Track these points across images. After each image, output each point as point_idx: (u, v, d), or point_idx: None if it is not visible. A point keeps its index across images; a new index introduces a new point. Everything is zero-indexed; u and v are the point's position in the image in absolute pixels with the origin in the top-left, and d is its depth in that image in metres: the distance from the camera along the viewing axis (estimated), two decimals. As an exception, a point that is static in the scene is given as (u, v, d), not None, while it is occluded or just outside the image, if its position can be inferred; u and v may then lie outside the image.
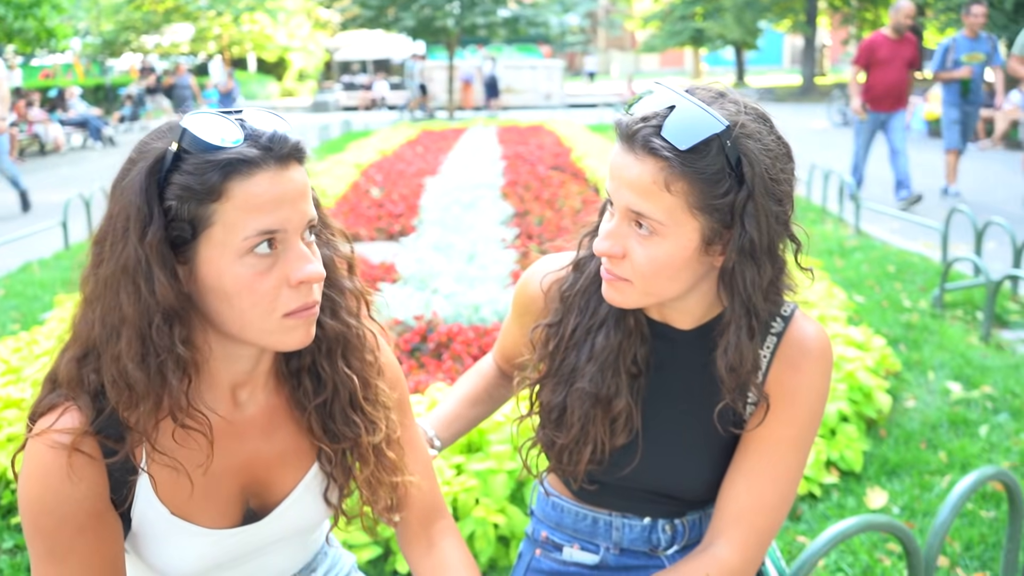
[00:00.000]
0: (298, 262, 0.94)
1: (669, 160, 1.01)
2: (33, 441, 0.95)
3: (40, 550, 0.96)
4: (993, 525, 2.51)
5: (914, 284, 5.16)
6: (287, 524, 1.12)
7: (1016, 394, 3.48)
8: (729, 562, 1.16)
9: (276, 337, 0.97)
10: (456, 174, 9.25)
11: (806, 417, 1.18)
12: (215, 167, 0.89)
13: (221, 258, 0.92)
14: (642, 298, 1.12)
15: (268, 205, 0.91)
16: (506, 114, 21.91)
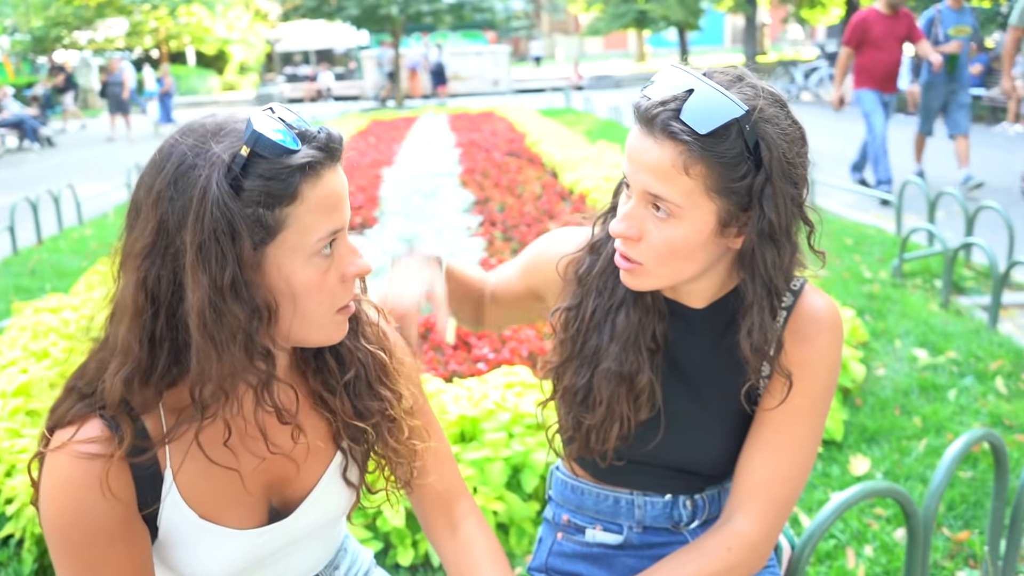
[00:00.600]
0: (350, 256, 0.98)
1: (688, 144, 1.01)
2: (53, 455, 0.92)
3: (69, 567, 0.94)
4: (972, 485, 2.60)
5: (872, 256, 5.29)
6: (315, 517, 1.12)
7: (979, 358, 3.60)
8: (749, 535, 1.18)
9: (325, 332, 0.99)
10: (412, 164, 9.19)
11: (820, 389, 1.21)
12: (293, 171, 0.89)
13: (293, 261, 0.92)
14: (658, 280, 1.14)
15: (337, 205, 0.94)
16: (455, 101, 21.79)
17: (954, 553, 2.30)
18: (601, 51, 51.60)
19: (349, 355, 1.11)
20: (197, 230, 0.87)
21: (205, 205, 0.86)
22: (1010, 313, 4.33)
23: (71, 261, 6.22)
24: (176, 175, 0.89)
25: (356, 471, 1.15)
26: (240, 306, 0.89)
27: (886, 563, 2.26)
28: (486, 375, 2.93)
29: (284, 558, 1.13)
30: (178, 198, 0.88)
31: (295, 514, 1.09)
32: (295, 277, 0.93)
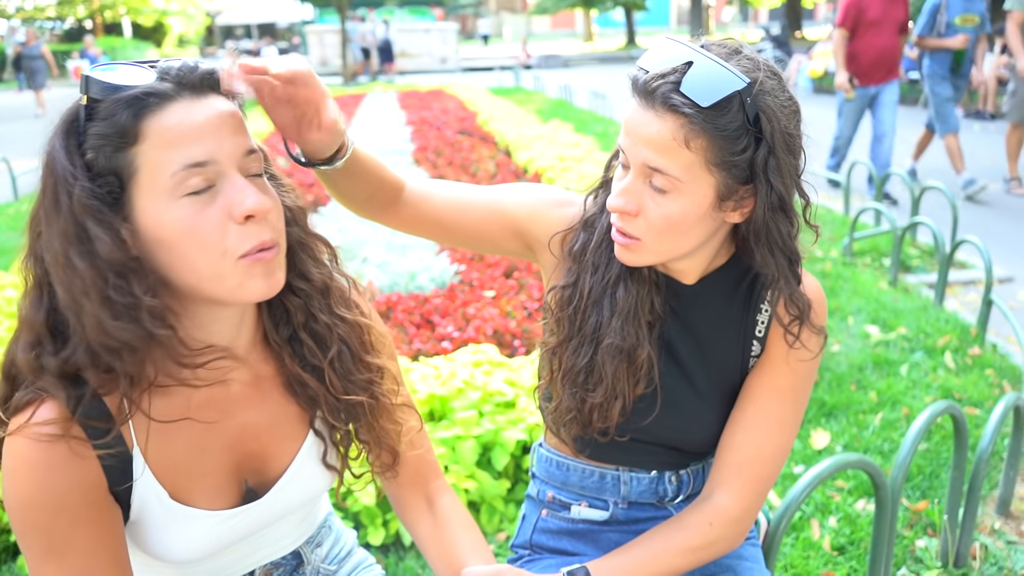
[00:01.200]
0: (239, 194, 0.89)
1: (690, 116, 1.01)
2: (11, 438, 0.89)
3: (36, 548, 0.90)
4: (927, 456, 2.68)
5: (823, 235, 5.41)
6: (290, 497, 1.10)
7: (928, 334, 3.71)
8: (729, 511, 1.20)
9: (235, 285, 0.91)
10: (363, 141, 9.01)
11: (804, 367, 1.22)
12: (124, 106, 0.85)
13: (155, 204, 0.87)
14: (655, 256, 1.13)
15: (189, 136, 0.86)
16: (403, 79, 21.51)
17: (913, 523, 2.38)
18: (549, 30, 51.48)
19: (327, 331, 1.06)
20: (43, 188, 0.87)
21: (47, 161, 0.87)
22: (954, 290, 4.48)
23: (8, 238, 5.98)
24: (48, 138, 0.89)
25: (335, 455, 1.12)
26: (83, 259, 0.85)
27: (850, 533, 2.32)
28: (452, 354, 2.91)
29: (262, 536, 1.11)
30: (46, 159, 0.89)
31: (269, 494, 1.07)
32: (163, 222, 0.87)
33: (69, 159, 0.85)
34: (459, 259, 4.24)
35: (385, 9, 27.63)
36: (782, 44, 18.87)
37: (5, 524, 2.29)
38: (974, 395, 3.12)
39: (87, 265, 0.85)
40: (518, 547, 1.45)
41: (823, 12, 37.79)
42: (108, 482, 0.93)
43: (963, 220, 4.73)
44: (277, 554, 1.17)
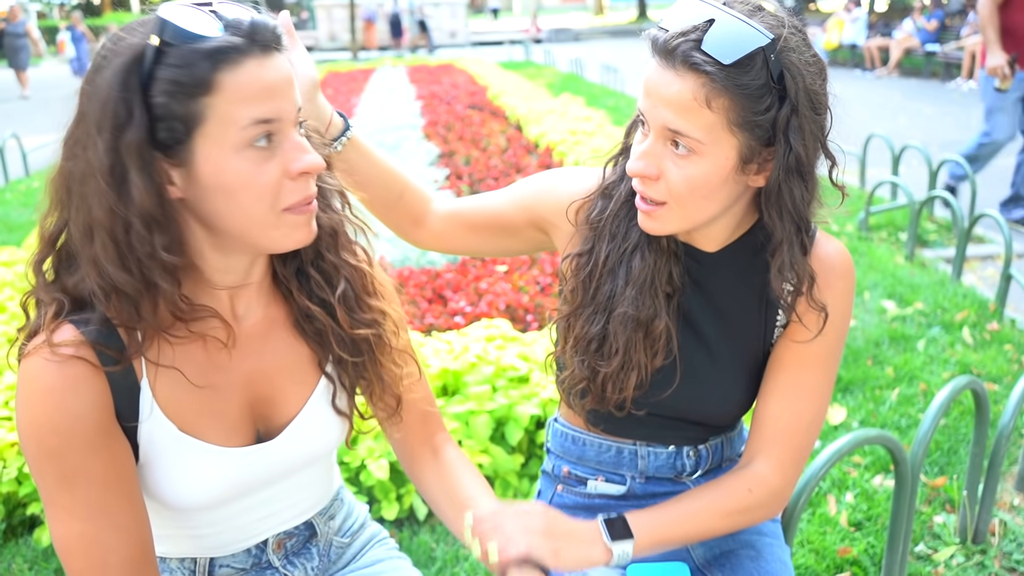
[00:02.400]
0: (296, 152, 0.93)
1: (711, 75, 0.97)
2: (28, 360, 0.91)
3: (50, 476, 0.91)
4: (946, 432, 2.66)
5: (839, 209, 5.34)
6: (303, 444, 1.09)
7: (945, 309, 3.67)
8: (770, 481, 1.18)
9: (280, 234, 0.95)
10: (373, 116, 8.99)
11: (835, 334, 1.19)
12: (203, 57, 0.85)
13: (220, 154, 0.88)
14: (680, 222, 1.10)
15: (261, 94, 0.88)
16: (413, 53, 21.36)
17: (931, 499, 2.35)
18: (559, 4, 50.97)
19: (334, 270, 1.09)
20: (90, 118, 0.86)
21: (98, 94, 0.86)
22: (972, 265, 4.42)
23: (20, 214, 5.98)
24: (95, 68, 0.88)
25: (345, 398, 1.13)
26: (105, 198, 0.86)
27: (867, 509, 2.30)
28: (465, 328, 2.89)
29: (273, 496, 1.11)
30: (91, 91, 0.87)
31: (280, 437, 1.07)
32: (225, 170, 0.89)
33: (128, 98, 0.85)
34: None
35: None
36: (796, 15, 18.64)
37: (22, 497, 2.30)
38: (992, 371, 3.08)
39: (105, 205, 0.86)
40: (532, 522, 1.43)
41: (838, -16, 37.24)
42: (116, 410, 0.94)
43: (981, 194, 4.65)
44: (290, 522, 1.16)
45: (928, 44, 13.53)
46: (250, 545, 1.12)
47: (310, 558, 1.20)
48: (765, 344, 1.23)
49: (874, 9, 18.06)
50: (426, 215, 1.35)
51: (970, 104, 10.19)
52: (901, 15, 15.68)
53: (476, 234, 1.35)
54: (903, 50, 13.80)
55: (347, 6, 21.52)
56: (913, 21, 14.00)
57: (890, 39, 14.25)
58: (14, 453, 2.27)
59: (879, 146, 5.68)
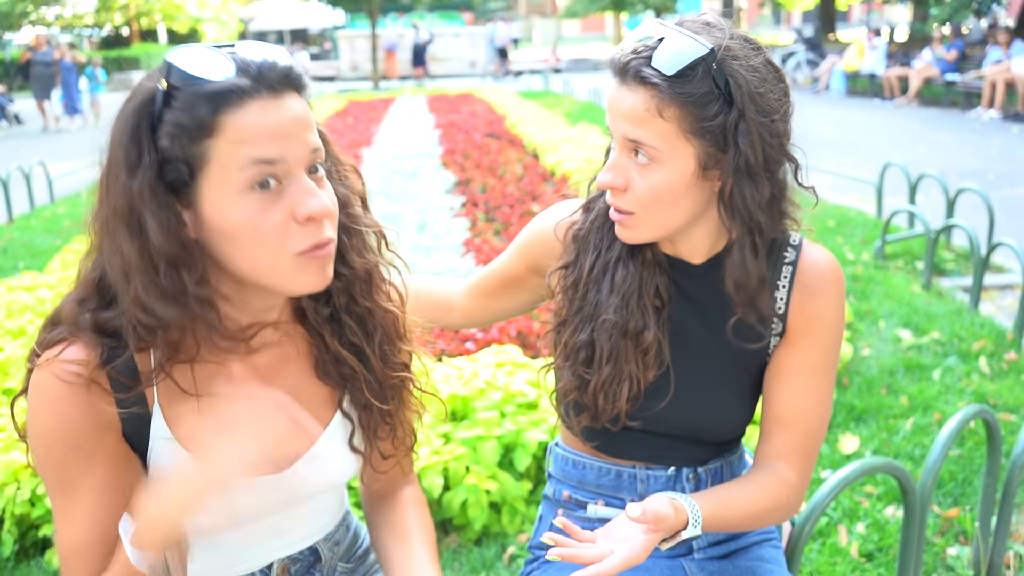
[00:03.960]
0: (302, 196, 0.91)
1: (658, 86, 1.05)
2: (39, 371, 0.93)
3: (52, 482, 0.95)
4: (960, 462, 2.62)
5: (854, 237, 5.32)
6: (313, 477, 1.09)
7: (962, 338, 3.63)
8: (795, 484, 1.22)
9: (289, 277, 0.94)
10: (392, 144, 9.09)
11: (832, 340, 1.23)
12: (204, 100, 0.86)
13: (222, 197, 0.88)
14: (650, 230, 1.15)
15: (262, 135, 0.88)
16: (433, 82, 21.61)
17: (944, 530, 2.32)
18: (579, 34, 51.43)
19: (368, 315, 1.09)
20: (109, 162, 0.89)
21: (116, 138, 0.89)
22: (990, 294, 4.38)
23: (44, 240, 6.08)
24: (117, 112, 0.91)
25: (361, 437, 1.13)
26: (131, 240, 0.88)
27: (878, 540, 2.27)
28: (475, 354, 2.90)
29: (281, 522, 1.11)
30: (112, 134, 0.90)
31: (292, 469, 1.06)
32: (227, 215, 0.89)
33: (138, 141, 0.87)
34: (483, 260, 4.24)
35: (415, 14, 27.75)
36: (815, 46, 18.70)
37: (34, 518, 2.32)
38: (1009, 400, 3.04)
39: (135, 248, 0.88)
40: (535, 548, 1.44)
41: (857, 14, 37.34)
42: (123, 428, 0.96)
43: (999, 223, 4.62)
44: (295, 547, 1.16)
45: (948, 73, 13.51)
46: (254, 569, 1.12)
47: None
48: (762, 354, 1.24)
49: (894, 39, 18.09)
50: (450, 301, 1.45)
51: (990, 133, 10.15)
52: (920, 45, 15.67)
53: (495, 299, 1.42)
54: (922, 79, 13.78)
55: (369, 37, 21.86)
56: (932, 51, 13.99)
57: (909, 68, 14.25)
58: (28, 475, 2.30)
59: (896, 175, 5.66)
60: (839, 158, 8.18)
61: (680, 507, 1.11)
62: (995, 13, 16.05)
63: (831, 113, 12.20)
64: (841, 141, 9.07)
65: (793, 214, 1.18)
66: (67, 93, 14.53)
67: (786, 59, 18.66)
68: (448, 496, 2.28)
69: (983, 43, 13.55)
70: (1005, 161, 8.14)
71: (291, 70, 0.91)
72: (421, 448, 2.28)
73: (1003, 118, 11.49)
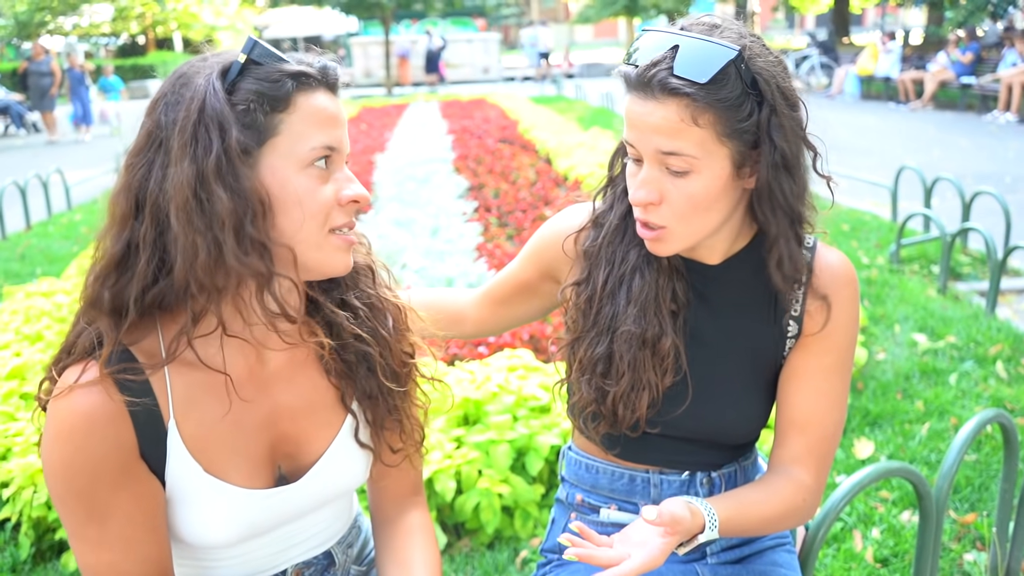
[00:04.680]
0: (347, 181, 1.00)
1: (692, 95, 1.03)
2: (54, 403, 0.94)
3: (79, 514, 0.94)
4: (976, 468, 2.60)
5: (869, 241, 5.29)
6: (326, 484, 1.11)
7: (979, 342, 3.60)
8: (812, 488, 1.22)
9: (324, 254, 0.99)
10: (405, 150, 9.12)
11: (848, 341, 1.22)
12: (288, 76, 0.93)
13: (286, 167, 0.95)
14: (685, 239, 1.14)
15: (329, 121, 0.97)
16: (446, 88, 21.68)
17: (961, 535, 2.30)
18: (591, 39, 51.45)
19: (379, 302, 1.14)
20: (185, 121, 0.91)
21: (195, 98, 0.91)
22: (1007, 299, 4.34)
23: (61, 246, 6.14)
24: (176, 84, 0.95)
25: (368, 432, 1.15)
26: (226, 191, 0.90)
27: (893, 545, 2.25)
28: (488, 358, 2.90)
29: (294, 531, 1.12)
30: (174, 101, 0.93)
31: (304, 479, 1.08)
32: (289, 183, 0.95)
33: (225, 103, 0.91)
34: (496, 265, 4.24)
35: (428, 20, 27.83)
36: (829, 50, 18.61)
37: (50, 523, 2.34)
38: (1027, 405, 3.01)
39: (226, 195, 0.90)
40: (548, 551, 1.43)
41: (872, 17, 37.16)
42: (141, 449, 0.96)
43: (1016, 226, 4.58)
44: (309, 553, 1.17)
45: (963, 76, 13.41)
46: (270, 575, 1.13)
47: None
48: (777, 356, 1.24)
49: (908, 42, 17.99)
50: (462, 311, 1.46)
51: (1006, 137, 10.07)
52: (936, 48, 15.57)
53: (507, 306, 1.42)
54: (938, 83, 13.69)
55: (382, 43, 21.95)
56: (947, 54, 13.90)
57: (924, 72, 14.16)
58: (44, 479, 2.31)
59: (911, 178, 5.63)
60: (854, 162, 8.14)
61: (696, 510, 1.10)
62: (1011, 15, 15.92)
63: (845, 117, 12.13)
64: (855, 145, 9.03)
65: (811, 216, 1.18)
66: (76, 103, 14.19)
67: (799, 63, 18.59)
68: (460, 500, 2.28)
69: (999, 46, 13.43)
70: (1022, 164, 8.07)
71: (340, 75, 1.01)
72: (433, 452, 2.29)
73: (1019, 121, 11.39)
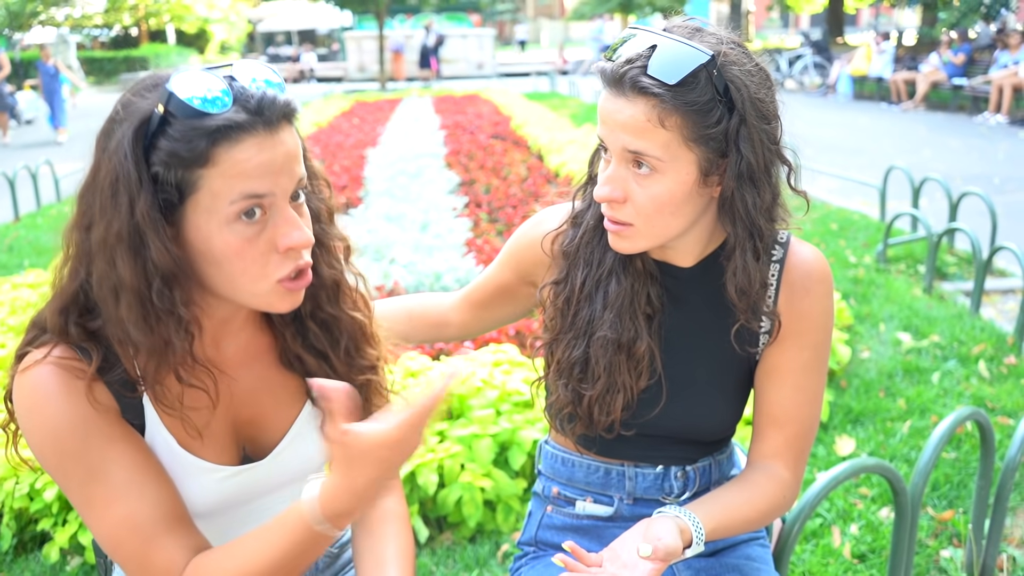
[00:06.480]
0: (285, 227, 0.94)
1: (660, 96, 1.03)
2: (32, 369, 0.93)
3: (77, 476, 0.93)
4: (955, 465, 2.62)
5: (857, 240, 5.32)
6: (290, 463, 1.12)
7: (962, 342, 3.63)
8: (791, 483, 1.24)
9: (266, 300, 0.98)
10: (397, 145, 9.11)
11: (822, 337, 1.23)
12: (202, 134, 0.87)
13: (209, 224, 0.91)
14: (648, 240, 1.14)
15: (255, 171, 0.90)
16: (439, 83, 21.64)
17: (938, 532, 2.32)
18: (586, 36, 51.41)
19: (334, 322, 1.11)
20: (104, 183, 0.89)
21: (111, 158, 0.89)
22: (992, 299, 4.37)
23: (49, 238, 6.13)
24: (109, 124, 0.92)
25: None
26: (131, 261, 0.89)
27: (871, 541, 2.27)
28: (473, 353, 2.91)
29: (264, 507, 1.13)
30: (104, 146, 0.91)
31: (269, 458, 1.09)
32: (212, 241, 0.91)
33: (137, 165, 0.88)
34: (485, 260, 4.25)
35: (423, 15, 27.78)
36: (822, 50, 18.64)
37: (33, 512, 2.34)
38: (1008, 405, 3.03)
39: (133, 268, 0.89)
40: (524, 544, 1.44)
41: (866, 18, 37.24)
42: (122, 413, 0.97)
43: (1005, 227, 4.61)
44: None
45: (955, 78, 13.46)
46: None
47: None
48: (751, 354, 1.24)
49: (902, 43, 18.03)
50: (444, 316, 1.46)
51: (997, 138, 10.12)
52: (928, 49, 15.62)
53: (488, 310, 1.43)
54: (929, 84, 13.74)
55: (376, 38, 21.90)
56: (939, 55, 13.95)
57: (917, 72, 14.20)
58: (26, 469, 2.31)
59: (900, 178, 5.65)
60: (844, 161, 8.17)
61: (685, 527, 1.11)
62: (1004, 17, 15.99)
63: (837, 117, 12.16)
64: (847, 145, 9.05)
65: (785, 216, 1.18)
66: (50, 102, 12.89)
67: (793, 62, 18.63)
68: (443, 494, 2.29)
69: (991, 47, 13.47)
70: (1011, 166, 8.11)
71: (288, 104, 0.93)
72: (416, 446, 2.29)
73: (1010, 123, 11.44)
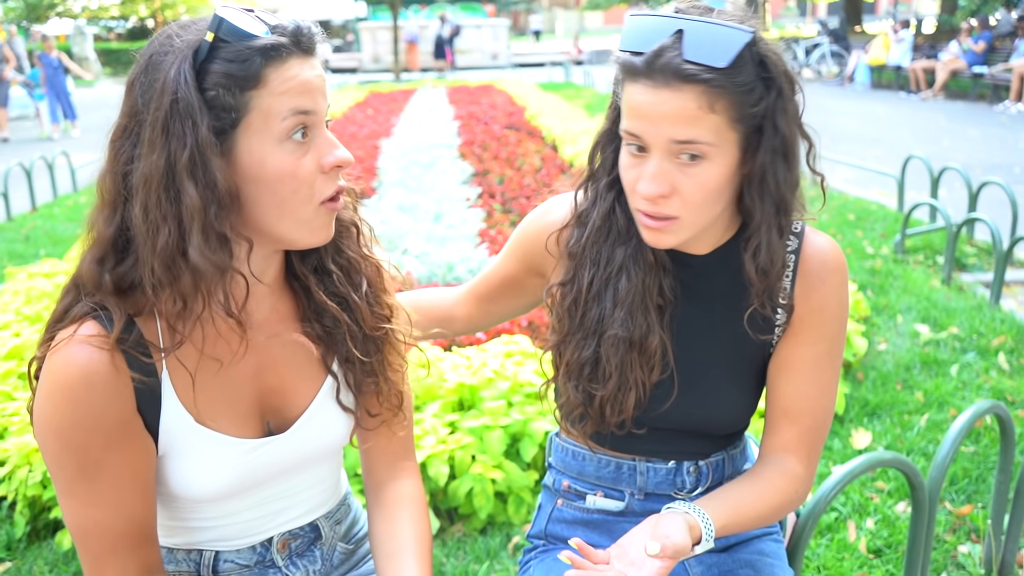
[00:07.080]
0: (328, 147, 0.98)
1: (709, 81, 0.99)
2: (53, 355, 0.93)
3: (69, 469, 0.94)
4: (974, 459, 2.58)
5: (874, 231, 5.26)
6: (312, 439, 1.12)
7: (981, 334, 3.58)
8: (804, 477, 1.22)
9: (309, 228, 0.99)
10: (410, 135, 9.10)
11: (837, 329, 1.21)
12: (256, 53, 0.91)
13: (262, 145, 0.93)
14: (691, 231, 1.10)
15: (301, 87, 0.94)
16: (454, 74, 21.59)
17: (956, 527, 2.28)
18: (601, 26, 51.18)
19: (355, 265, 1.12)
20: (157, 112, 0.90)
21: (166, 88, 0.90)
22: (1012, 290, 4.31)
23: (66, 228, 6.16)
24: (148, 64, 0.93)
25: (350, 395, 1.15)
26: (196, 187, 0.90)
27: (887, 536, 2.24)
28: (485, 344, 2.89)
29: (281, 492, 1.13)
30: (147, 84, 0.92)
31: (291, 431, 1.09)
32: (267, 162, 0.93)
33: (194, 91, 0.89)
34: (497, 251, 4.23)
35: (437, 6, 27.72)
36: (840, 38, 18.46)
37: (45, 502, 2.35)
38: (1028, 397, 2.99)
39: (197, 192, 0.90)
40: (534, 537, 1.43)
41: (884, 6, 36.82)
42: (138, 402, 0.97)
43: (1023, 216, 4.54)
44: (296, 522, 1.17)
45: (975, 66, 13.29)
46: (255, 542, 1.14)
47: (313, 561, 1.21)
48: (765, 345, 1.22)
49: (921, 31, 17.82)
50: (451, 311, 1.44)
51: (1018, 127, 9.98)
52: (948, 37, 15.42)
53: (495, 303, 1.40)
54: (949, 72, 13.57)
55: (391, 28, 21.86)
56: (959, 43, 13.77)
57: (936, 61, 14.03)
58: (39, 458, 2.33)
59: (919, 168, 5.58)
60: (862, 151, 8.08)
61: (694, 524, 1.09)
62: (1025, 4, 15.77)
63: (855, 106, 12.04)
64: (865, 134, 8.96)
65: (800, 204, 1.16)
66: (55, 95, 12.37)
67: (810, 51, 18.46)
68: (454, 485, 2.28)
69: (1012, 35, 13.28)
70: (1031, 155, 8.00)
71: (316, 35, 0.99)
72: (427, 437, 2.28)
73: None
